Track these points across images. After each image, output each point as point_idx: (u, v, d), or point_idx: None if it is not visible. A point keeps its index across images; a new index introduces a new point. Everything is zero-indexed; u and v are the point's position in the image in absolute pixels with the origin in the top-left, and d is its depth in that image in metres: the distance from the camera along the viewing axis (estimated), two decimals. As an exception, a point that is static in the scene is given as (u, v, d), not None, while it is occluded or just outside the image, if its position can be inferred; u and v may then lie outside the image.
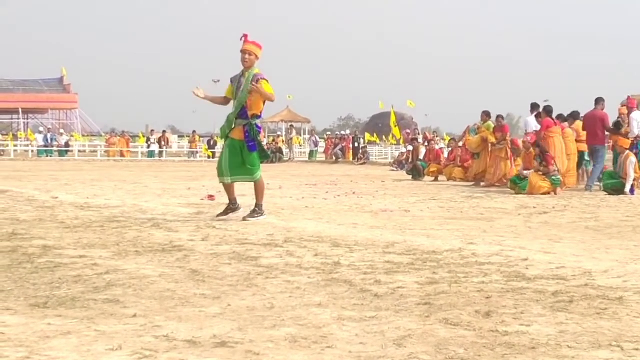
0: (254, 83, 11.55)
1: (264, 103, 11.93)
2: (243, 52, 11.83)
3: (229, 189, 12.25)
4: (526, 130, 23.54)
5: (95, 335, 4.80)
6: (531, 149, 21.00)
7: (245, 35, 11.82)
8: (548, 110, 22.60)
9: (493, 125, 24.54)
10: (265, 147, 12.44)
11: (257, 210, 12.04)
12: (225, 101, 12.25)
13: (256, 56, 11.88)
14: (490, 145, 24.26)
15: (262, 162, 12.20)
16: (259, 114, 12.00)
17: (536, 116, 23.13)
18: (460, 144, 28.04)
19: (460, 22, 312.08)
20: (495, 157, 24.00)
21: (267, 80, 11.71)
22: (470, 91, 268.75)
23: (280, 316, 5.42)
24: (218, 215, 12.18)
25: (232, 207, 12.24)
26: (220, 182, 12.29)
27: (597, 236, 10.57)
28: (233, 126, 11.89)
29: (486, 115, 25.17)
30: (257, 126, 11.98)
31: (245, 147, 11.87)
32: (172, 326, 5.07)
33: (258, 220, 11.67)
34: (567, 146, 22.49)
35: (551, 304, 5.92)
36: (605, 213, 14.15)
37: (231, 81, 12.02)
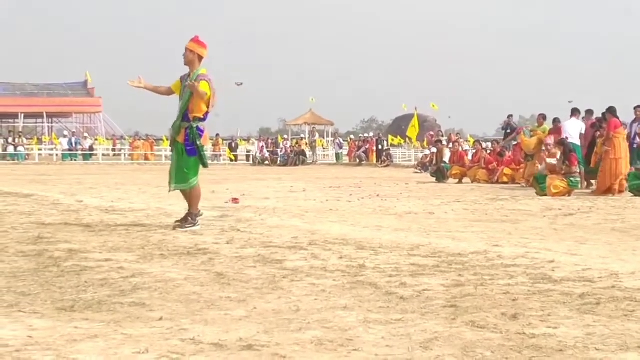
0: (191, 81, 11.08)
1: (207, 106, 11.27)
2: (185, 49, 11.35)
3: (186, 198, 11.59)
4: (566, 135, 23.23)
5: (122, 339, 4.82)
6: (544, 150, 21.05)
7: (195, 37, 11.43)
8: (612, 110, 22.23)
9: (548, 128, 24.46)
10: (206, 153, 11.64)
11: (189, 220, 11.21)
12: (168, 92, 11.60)
13: (199, 55, 11.31)
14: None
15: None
16: (202, 116, 11.29)
17: (599, 120, 22.94)
18: (514, 143, 27.88)
19: (481, 23, 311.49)
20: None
21: (208, 82, 11.20)
22: (494, 93, 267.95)
23: (306, 319, 5.41)
24: (176, 222, 11.38)
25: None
26: (169, 191, 11.79)
27: (624, 238, 10.51)
28: (179, 131, 11.30)
29: (542, 118, 25.19)
30: (199, 129, 11.28)
31: (184, 151, 11.27)
32: (199, 329, 5.08)
33: (188, 230, 10.86)
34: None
35: (578, 306, 5.89)
36: (631, 214, 14.08)
37: (181, 79, 11.45)
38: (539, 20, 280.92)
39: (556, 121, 24.65)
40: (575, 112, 23.76)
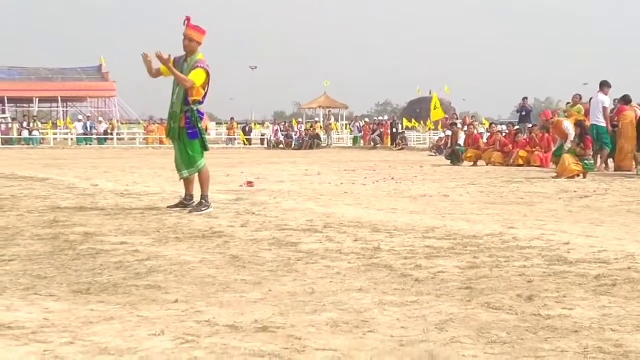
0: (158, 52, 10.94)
1: (203, 88, 11.18)
2: (184, 37, 11.22)
3: (187, 183, 11.65)
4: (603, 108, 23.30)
5: (138, 321, 4.83)
6: (555, 119, 21.20)
7: (188, 19, 11.20)
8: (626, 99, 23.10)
9: (583, 109, 24.40)
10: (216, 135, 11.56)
11: (203, 203, 11.18)
12: (157, 73, 11.34)
13: (197, 42, 11.23)
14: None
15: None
16: (201, 99, 11.21)
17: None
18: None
19: (497, 4, 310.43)
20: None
21: (204, 69, 11.13)
22: (509, 75, 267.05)
23: (321, 301, 5.42)
24: (169, 207, 11.55)
25: (185, 202, 11.55)
26: (180, 179, 11.71)
27: (640, 219, 10.48)
28: (179, 117, 11.22)
29: (578, 97, 25.23)
30: (200, 112, 11.26)
31: (185, 134, 11.21)
32: (214, 311, 5.09)
33: (204, 214, 10.80)
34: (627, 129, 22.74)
35: (594, 287, 5.88)
36: (647, 196, 14.02)
37: (175, 61, 11.15)
38: (555, 2, 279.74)
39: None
40: (603, 86, 23.74)
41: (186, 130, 11.19)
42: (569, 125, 21.01)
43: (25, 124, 59.94)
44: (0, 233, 8.85)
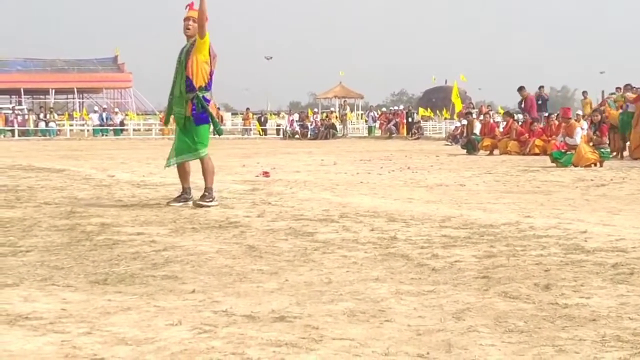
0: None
1: (207, 64, 10.71)
2: (186, 19, 10.80)
3: (182, 175, 11.09)
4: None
5: (155, 311, 4.84)
6: (572, 121, 20.98)
7: (191, 4, 10.85)
8: None
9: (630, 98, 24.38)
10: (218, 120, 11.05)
11: (206, 195, 10.74)
12: (204, 24, 10.60)
13: (195, 22, 10.71)
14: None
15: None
16: (205, 85, 10.76)
17: None
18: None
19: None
20: None
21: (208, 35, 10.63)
22: (524, 64, 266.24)
23: (338, 291, 5.42)
24: (168, 203, 10.93)
25: (185, 196, 10.97)
26: (165, 167, 11.42)
27: (657, 208, 10.44)
28: (183, 104, 10.79)
29: (630, 87, 25.16)
30: (205, 99, 10.80)
31: (191, 122, 10.75)
32: (231, 301, 5.10)
33: (209, 206, 10.48)
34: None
35: (611, 276, 5.86)
36: (664, 185, 13.97)
37: (180, 53, 10.88)
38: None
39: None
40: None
41: (192, 117, 10.74)
42: (579, 131, 20.92)
43: (41, 116, 60.05)
44: (17, 224, 8.88)
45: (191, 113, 10.74)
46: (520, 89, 30.97)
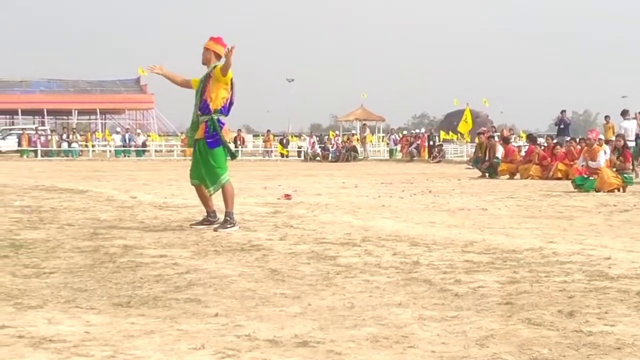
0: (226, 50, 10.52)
1: (227, 92, 10.71)
2: (205, 49, 10.91)
3: (202, 199, 11.11)
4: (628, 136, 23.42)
5: (178, 335, 4.84)
6: (594, 145, 20.90)
7: (212, 36, 11.01)
8: None
9: None
10: (231, 145, 10.96)
11: (228, 220, 10.64)
12: (185, 83, 11.13)
13: (215, 52, 10.83)
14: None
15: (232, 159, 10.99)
16: (221, 108, 10.71)
17: None
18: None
19: (534, 21, 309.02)
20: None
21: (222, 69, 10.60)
22: (547, 87, 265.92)
23: (360, 316, 5.41)
24: (192, 225, 11.02)
25: (209, 219, 10.97)
26: (210, 195, 11.00)
27: (681, 234, 10.37)
28: (197, 127, 10.85)
29: None
30: (220, 121, 10.71)
31: (205, 146, 10.71)
32: (254, 325, 5.09)
33: (230, 232, 10.32)
34: None
35: (636, 303, 5.82)
36: (688, 211, 13.88)
37: (200, 81, 10.95)
38: (590, 20, 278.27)
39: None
40: (625, 113, 23.89)
41: (205, 140, 10.72)
42: (602, 154, 20.84)
43: (64, 136, 60.36)
44: (41, 245, 8.92)
45: (204, 135, 10.73)
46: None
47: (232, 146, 11.29)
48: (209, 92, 10.71)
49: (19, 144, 57.97)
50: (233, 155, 11.05)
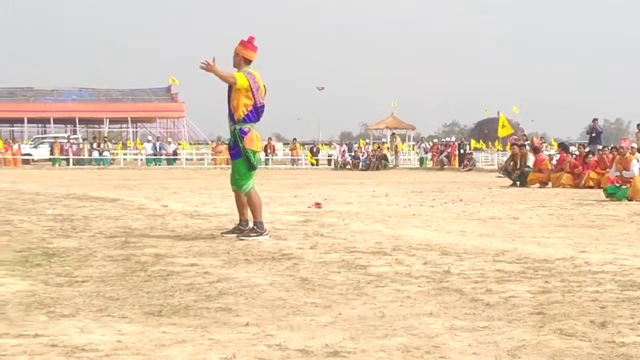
0: (204, 61, 10.48)
1: (249, 99, 10.60)
2: (233, 53, 10.90)
3: (238, 205, 11.10)
4: None
5: (209, 344, 4.86)
6: (627, 154, 20.76)
7: (243, 39, 10.90)
8: None
9: None
10: (252, 155, 10.76)
11: (254, 229, 10.63)
12: (232, 80, 10.60)
13: (242, 56, 10.78)
14: None
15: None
16: (244, 117, 10.67)
17: None
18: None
19: (570, 27, 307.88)
20: None
21: (243, 74, 10.59)
22: (578, 96, 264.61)
23: (391, 325, 5.40)
24: (222, 233, 11.02)
25: (240, 228, 10.93)
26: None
27: None
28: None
29: None
30: (242, 131, 10.65)
31: (230, 155, 10.92)
32: (284, 335, 5.10)
33: (256, 241, 10.28)
34: None
35: (669, 314, 5.78)
36: None
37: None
38: (623, 26, 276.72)
39: None
40: None
41: (229, 150, 10.91)
42: (635, 163, 20.70)
43: (94, 145, 60.69)
44: (73, 254, 8.98)
45: (231, 146, 10.87)
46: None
47: (262, 154, 11.31)
48: (232, 100, 10.72)
49: (51, 153, 58.37)
50: (251, 167, 10.81)
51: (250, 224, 10.87)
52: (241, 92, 10.62)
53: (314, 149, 61.06)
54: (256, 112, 10.79)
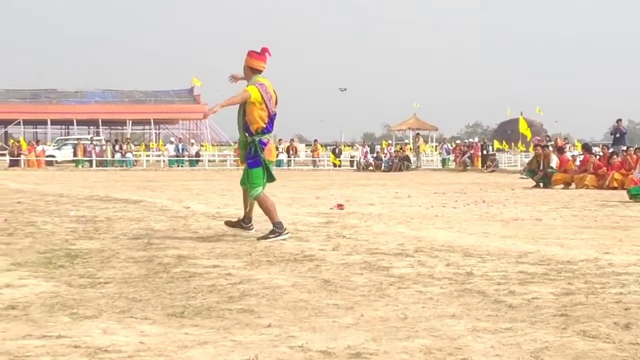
0: (211, 109, 11.09)
1: (263, 111, 10.65)
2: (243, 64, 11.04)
3: (246, 203, 11.32)
4: None
5: (232, 345, 4.86)
6: None
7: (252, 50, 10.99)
8: None
9: None
10: (272, 164, 11.01)
11: (273, 230, 10.65)
12: (247, 96, 10.62)
13: (249, 66, 10.92)
14: None
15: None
16: (262, 128, 10.74)
17: None
18: (623, 148, 27.47)
19: (590, 28, 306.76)
20: None
21: (253, 85, 10.67)
22: (602, 96, 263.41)
23: (413, 327, 5.39)
24: (226, 222, 11.51)
25: (243, 224, 11.23)
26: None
27: None
28: (245, 147, 10.93)
29: None
30: (262, 142, 10.76)
31: (246, 164, 10.89)
32: (307, 336, 5.10)
33: (278, 242, 10.31)
34: None
35: (694, 316, 5.74)
36: None
37: None
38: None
39: None
40: None
41: (246, 160, 10.87)
42: None
43: (117, 147, 60.90)
44: (96, 255, 9.02)
45: (247, 156, 10.87)
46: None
47: (284, 156, 11.42)
48: (247, 114, 10.74)
49: (74, 154, 58.66)
50: (270, 178, 10.95)
51: (252, 225, 11.15)
52: (255, 105, 10.66)
53: (336, 150, 61.04)
54: (271, 122, 10.87)
